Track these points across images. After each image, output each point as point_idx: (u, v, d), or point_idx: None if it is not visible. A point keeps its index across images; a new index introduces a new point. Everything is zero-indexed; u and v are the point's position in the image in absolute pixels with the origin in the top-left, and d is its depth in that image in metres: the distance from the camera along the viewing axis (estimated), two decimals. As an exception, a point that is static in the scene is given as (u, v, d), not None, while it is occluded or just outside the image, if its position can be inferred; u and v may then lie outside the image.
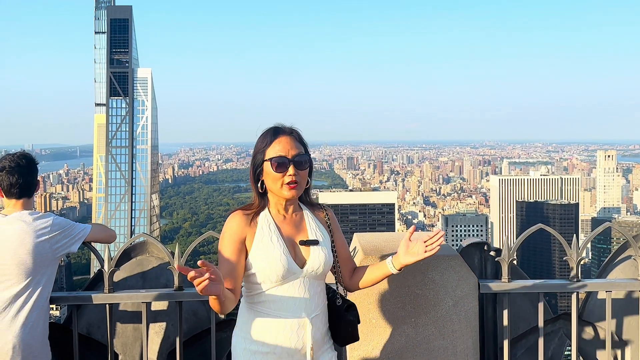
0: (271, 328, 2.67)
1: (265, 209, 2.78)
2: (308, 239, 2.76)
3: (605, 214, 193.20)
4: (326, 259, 2.74)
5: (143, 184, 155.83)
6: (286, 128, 2.78)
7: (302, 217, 2.84)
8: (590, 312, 4.00)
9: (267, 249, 2.66)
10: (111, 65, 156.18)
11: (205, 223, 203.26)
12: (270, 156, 2.70)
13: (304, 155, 2.74)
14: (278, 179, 2.69)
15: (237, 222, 2.72)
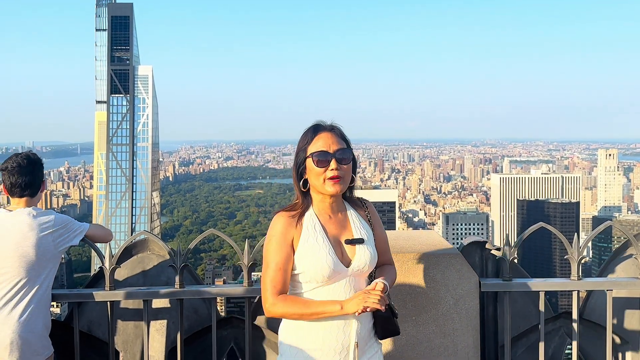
0: (317, 326, 2.68)
1: (310, 208, 2.79)
2: (353, 237, 2.77)
3: (606, 212, 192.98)
4: (371, 257, 2.76)
5: (144, 182, 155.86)
6: (327, 124, 2.80)
7: (346, 215, 2.84)
8: (591, 310, 4.00)
9: (313, 249, 2.67)
10: (112, 62, 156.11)
11: (206, 221, 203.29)
12: (312, 152, 2.71)
13: (346, 150, 2.73)
14: (320, 174, 2.69)
15: (282, 224, 2.72)
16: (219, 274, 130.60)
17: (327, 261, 2.65)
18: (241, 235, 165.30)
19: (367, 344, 2.78)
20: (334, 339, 2.68)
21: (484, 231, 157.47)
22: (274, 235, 2.72)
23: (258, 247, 3.70)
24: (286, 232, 2.71)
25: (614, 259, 4.06)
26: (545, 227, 3.87)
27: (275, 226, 2.73)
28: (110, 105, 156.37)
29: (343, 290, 2.69)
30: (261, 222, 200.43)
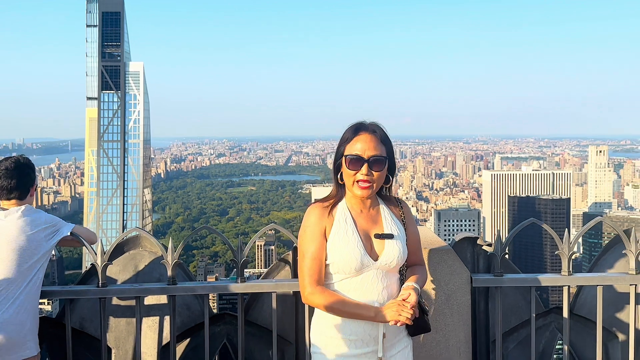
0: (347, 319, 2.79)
1: (343, 200, 2.88)
2: (383, 232, 2.85)
3: (597, 209, 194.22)
4: (400, 252, 2.82)
5: (135, 179, 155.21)
6: (369, 125, 2.85)
7: (378, 210, 2.92)
8: (581, 305, 4.04)
9: (343, 241, 2.78)
10: (103, 58, 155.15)
11: (198, 217, 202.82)
12: (348, 153, 2.80)
13: (380, 157, 2.79)
14: (351, 176, 2.78)
15: (316, 215, 2.84)
16: (211, 271, 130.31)
17: (354, 253, 2.76)
18: (233, 232, 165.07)
19: (395, 337, 2.86)
20: (362, 329, 2.78)
21: (475, 227, 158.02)
22: (308, 225, 2.84)
23: (251, 244, 3.71)
24: (319, 223, 2.82)
25: (604, 255, 4.10)
26: (536, 223, 3.89)
27: (309, 217, 2.85)
28: (101, 101, 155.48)
29: (371, 283, 2.79)
30: (253, 219, 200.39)
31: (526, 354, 3.81)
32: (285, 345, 3.96)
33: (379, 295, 2.79)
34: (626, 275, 3.71)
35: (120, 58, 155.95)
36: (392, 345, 2.84)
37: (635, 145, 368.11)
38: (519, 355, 3.98)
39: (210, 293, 3.76)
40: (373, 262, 2.79)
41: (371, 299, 2.78)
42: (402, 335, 2.90)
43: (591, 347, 3.88)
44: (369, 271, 2.79)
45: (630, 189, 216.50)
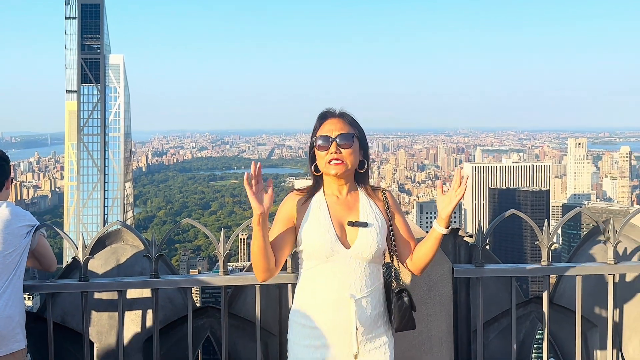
0: (316, 304, 2.78)
1: (320, 190, 2.90)
2: (358, 220, 2.83)
3: (576, 200, 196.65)
4: (374, 241, 2.78)
5: (116, 172, 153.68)
6: (335, 111, 2.90)
7: (357, 199, 2.90)
8: (560, 295, 4.10)
9: (314, 227, 2.79)
10: (82, 51, 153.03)
11: (180, 211, 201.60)
12: (316, 137, 2.84)
13: (347, 134, 2.81)
14: (323, 158, 2.81)
15: (289, 201, 2.90)
16: (194, 265, 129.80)
17: (325, 239, 2.74)
18: (216, 225, 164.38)
19: (373, 332, 2.80)
20: (334, 320, 2.74)
21: (457, 219, 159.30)
22: (279, 210, 2.91)
23: (234, 237, 3.70)
24: (289, 209, 2.87)
25: (583, 245, 4.16)
26: (517, 214, 3.94)
27: (282, 203, 2.92)
28: (81, 94, 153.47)
29: (342, 271, 2.75)
30: (236, 212, 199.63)
31: (507, 343, 3.87)
32: (269, 337, 3.97)
33: (351, 285, 2.74)
34: (605, 265, 3.77)
35: (100, 50, 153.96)
36: (369, 339, 2.78)
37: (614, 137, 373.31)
38: (500, 344, 4.04)
39: (193, 286, 3.76)
40: (344, 250, 2.76)
41: (343, 287, 2.74)
42: (380, 329, 2.84)
43: (570, 336, 3.94)
44: (340, 259, 2.75)
45: (609, 180, 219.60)
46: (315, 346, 2.77)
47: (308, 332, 2.78)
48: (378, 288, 2.84)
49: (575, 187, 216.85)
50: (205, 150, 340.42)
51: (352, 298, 2.71)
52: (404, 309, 2.80)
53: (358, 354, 2.73)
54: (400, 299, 2.80)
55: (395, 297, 2.81)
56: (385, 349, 2.84)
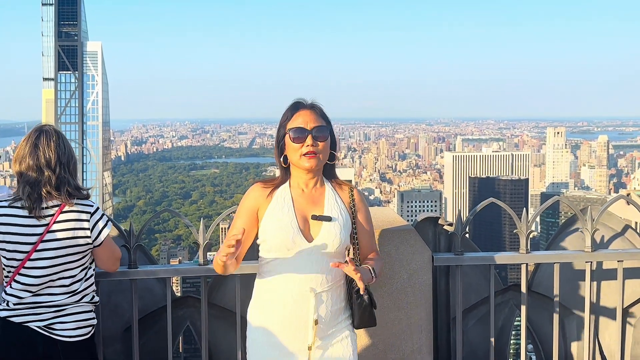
0: (275, 298, 2.73)
1: (286, 182, 2.83)
2: (322, 214, 2.77)
3: (554, 189, 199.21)
4: (337, 236, 2.72)
5: (94, 161, 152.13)
6: (307, 103, 2.84)
7: (322, 193, 2.84)
8: (538, 282, 4.15)
9: (276, 219, 2.72)
10: (59, 38, 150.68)
11: (160, 201, 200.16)
12: (289, 128, 2.76)
13: (322, 127, 2.77)
14: (297, 150, 2.73)
15: (253, 193, 2.81)
16: (174, 255, 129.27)
17: (286, 232, 2.68)
18: (197, 215, 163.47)
19: (333, 327, 2.76)
20: (293, 314, 2.69)
21: (437, 208, 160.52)
22: (242, 201, 2.84)
23: (214, 226, 3.67)
24: (253, 201, 2.80)
25: (560, 233, 4.21)
26: (496, 202, 3.97)
27: (246, 194, 2.84)
28: (58, 82, 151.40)
29: (303, 264, 2.69)
30: (217, 202, 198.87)
31: (485, 330, 3.91)
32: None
33: (312, 279, 2.69)
34: (582, 252, 3.81)
35: (78, 37, 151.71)
36: (326, 333, 2.74)
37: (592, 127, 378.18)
38: (479, 331, 4.08)
39: (172, 276, 3.73)
40: (306, 243, 2.70)
41: (304, 281, 2.69)
42: (341, 325, 2.79)
43: (548, 322, 4.00)
44: (302, 252, 2.69)
45: (587, 169, 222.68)
46: (274, 343, 2.72)
47: (267, 328, 2.74)
48: (340, 283, 2.79)
49: (554, 175, 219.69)
50: (185, 139, 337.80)
51: (312, 292, 2.67)
52: (364, 307, 2.74)
53: (312, 346, 2.68)
54: (359, 297, 2.74)
55: (355, 294, 2.75)
56: (347, 342, 2.78)
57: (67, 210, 3.07)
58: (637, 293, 4.08)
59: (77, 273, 3.12)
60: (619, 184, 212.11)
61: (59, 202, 3.06)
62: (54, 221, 3.03)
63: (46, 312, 3.05)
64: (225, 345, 3.99)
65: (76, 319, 3.09)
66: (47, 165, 3.08)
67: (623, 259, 3.83)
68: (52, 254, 3.03)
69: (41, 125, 3.23)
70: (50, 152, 3.10)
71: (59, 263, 3.05)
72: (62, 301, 3.08)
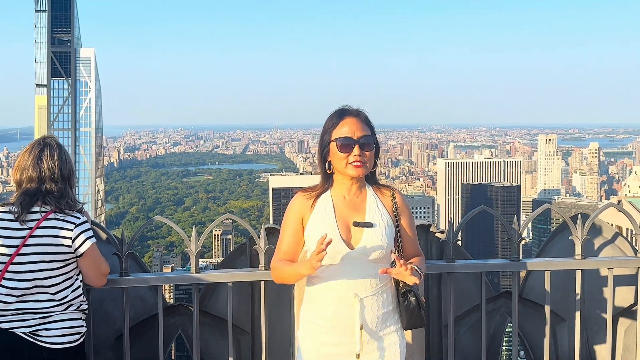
0: (322, 303, 2.81)
1: (328, 190, 2.88)
2: (363, 221, 2.81)
3: (546, 195, 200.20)
4: (379, 242, 2.77)
5: (87, 168, 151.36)
6: (353, 110, 2.86)
7: (364, 199, 2.88)
8: (529, 290, 4.16)
9: (319, 228, 2.78)
10: (52, 44, 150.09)
11: (153, 207, 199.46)
12: (336, 137, 2.78)
13: (369, 137, 2.80)
14: (343, 159, 2.77)
15: (297, 203, 2.89)
16: (167, 261, 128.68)
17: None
18: (190, 222, 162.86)
19: (381, 331, 2.81)
20: (338, 319, 2.77)
21: (430, 214, 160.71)
22: (287, 213, 2.91)
23: (206, 234, 3.67)
24: (297, 211, 2.87)
25: (551, 240, 4.23)
26: (487, 210, 3.99)
27: (290, 205, 2.92)
28: (51, 88, 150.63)
29: (347, 271, 2.76)
30: (210, 208, 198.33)
31: (477, 337, 3.91)
32: (242, 334, 3.96)
33: (356, 284, 2.75)
34: (572, 260, 3.84)
35: (71, 44, 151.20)
36: (377, 339, 2.79)
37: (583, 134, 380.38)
38: (471, 339, 4.09)
39: (164, 284, 3.72)
40: (348, 250, 2.76)
41: (348, 287, 2.76)
42: (391, 328, 2.84)
43: (539, 330, 4.01)
44: (345, 259, 2.76)
45: (578, 176, 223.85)
46: (322, 342, 2.81)
47: (316, 329, 2.83)
48: (386, 287, 2.84)
49: (546, 182, 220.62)
50: (178, 146, 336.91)
51: (356, 297, 2.74)
52: (411, 308, 2.81)
53: (361, 354, 2.74)
54: (406, 299, 2.81)
55: (401, 297, 2.83)
56: (395, 349, 2.84)
57: (52, 217, 3.10)
58: (627, 300, 4.11)
59: (61, 281, 3.13)
60: (610, 190, 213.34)
61: (46, 209, 3.11)
62: (37, 226, 3.07)
63: (31, 319, 3.07)
64: (217, 353, 3.98)
65: (62, 326, 3.10)
66: (50, 177, 3.17)
67: (613, 267, 3.86)
68: (35, 259, 3.05)
69: (44, 137, 3.31)
70: (53, 165, 3.18)
71: (41, 269, 3.07)
72: (48, 309, 3.09)
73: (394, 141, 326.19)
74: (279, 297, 3.85)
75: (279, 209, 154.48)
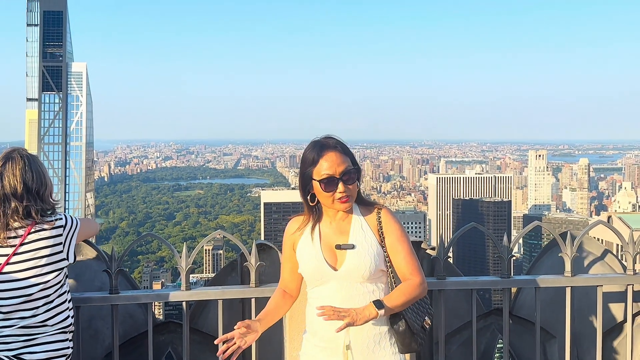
0: (316, 324, 2.86)
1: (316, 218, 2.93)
2: (345, 243, 2.85)
3: (536, 211, 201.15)
4: (361, 263, 2.79)
5: (77, 182, 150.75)
6: (330, 142, 2.85)
7: (349, 221, 2.91)
8: (520, 307, 4.18)
9: (306, 251, 2.89)
10: (44, 59, 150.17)
11: (144, 222, 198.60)
12: (319, 176, 2.79)
13: (350, 169, 2.82)
14: (329, 197, 2.81)
15: (288, 231, 3.01)
16: (157, 277, 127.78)
17: (313, 263, 2.84)
18: (180, 236, 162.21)
19: (375, 352, 2.81)
20: (327, 339, 2.82)
21: (421, 229, 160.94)
22: (284, 237, 3.03)
23: (197, 250, 3.66)
24: (290, 236, 2.99)
25: (542, 257, 4.26)
26: (477, 227, 4.01)
27: (285, 232, 3.02)
28: (42, 102, 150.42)
29: (334, 292, 2.82)
30: (201, 223, 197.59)
31: (468, 354, 3.91)
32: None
33: (344, 305, 2.71)
34: (562, 277, 3.85)
35: (63, 58, 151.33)
36: (364, 358, 2.79)
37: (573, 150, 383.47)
38: (462, 356, 4.09)
39: (154, 301, 3.70)
40: (333, 272, 2.81)
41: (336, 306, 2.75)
42: (385, 351, 2.83)
43: (530, 347, 4.02)
44: (332, 281, 2.81)
45: (568, 192, 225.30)
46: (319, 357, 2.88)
47: (312, 348, 2.91)
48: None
49: (536, 198, 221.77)
50: (170, 160, 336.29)
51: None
52: (401, 332, 2.80)
53: None
54: (395, 323, 2.81)
55: (390, 321, 2.83)
56: None
57: (36, 230, 3.00)
58: (617, 317, 4.13)
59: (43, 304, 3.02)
60: (600, 206, 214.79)
61: (26, 224, 3.00)
62: (20, 243, 2.96)
63: (15, 342, 2.96)
64: (207, 371, 3.95)
65: (47, 349, 3.00)
66: (13, 195, 2.99)
67: (602, 284, 3.88)
68: (20, 276, 2.93)
69: (9, 150, 3.12)
70: (15, 181, 3.01)
71: (27, 285, 2.95)
72: (33, 330, 2.98)
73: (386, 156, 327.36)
74: (270, 314, 3.84)
75: (270, 224, 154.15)
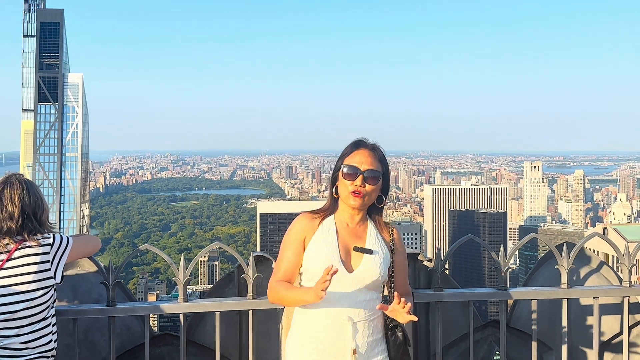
0: (315, 324, 2.82)
1: (333, 214, 2.95)
2: (364, 247, 2.88)
3: (532, 222, 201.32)
4: (376, 269, 2.84)
5: (72, 193, 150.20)
6: (369, 143, 2.95)
7: (365, 228, 2.96)
8: (517, 318, 4.18)
9: (320, 249, 2.85)
10: (40, 69, 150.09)
11: (139, 233, 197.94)
12: (345, 164, 2.89)
13: (376, 172, 2.88)
14: (347, 186, 2.86)
15: (301, 223, 2.94)
16: (152, 288, 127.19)
17: (328, 261, 2.78)
18: (176, 247, 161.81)
19: (368, 357, 2.82)
20: (330, 342, 2.78)
21: (417, 240, 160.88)
22: (290, 232, 2.94)
23: (194, 262, 3.66)
24: (301, 231, 2.92)
25: (538, 269, 4.27)
26: (474, 239, 4.02)
27: (294, 224, 2.95)
28: (38, 113, 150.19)
29: (343, 294, 2.79)
30: (197, 234, 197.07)
31: (465, 367, 3.91)
32: (229, 364, 3.92)
33: (350, 308, 2.79)
34: (559, 289, 3.86)
35: (59, 69, 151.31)
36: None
37: (568, 161, 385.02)
38: (459, 368, 4.08)
39: (151, 314, 3.69)
40: (347, 274, 2.81)
41: (342, 310, 2.79)
42: (379, 357, 2.86)
43: (527, 359, 4.01)
44: (342, 283, 2.79)
45: (564, 203, 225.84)
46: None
47: (306, 353, 2.82)
48: (376, 315, 2.88)
49: (532, 209, 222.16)
50: (165, 171, 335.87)
51: (350, 320, 2.77)
52: (398, 344, 2.86)
53: None
54: (394, 334, 2.87)
55: (389, 331, 2.88)
56: None
57: (23, 247, 3.02)
58: (614, 329, 4.14)
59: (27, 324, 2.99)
60: (595, 217, 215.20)
61: (14, 242, 3.02)
62: (7, 259, 2.96)
63: None
64: (203, 383, 3.93)
65: None
66: (9, 218, 3.06)
67: (599, 296, 3.89)
68: (6, 291, 2.92)
69: (7, 176, 3.20)
70: (12, 206, 3.08)
71: (12, 301, 2.94)
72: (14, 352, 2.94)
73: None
74: (267, 327, 3.84)
75: (266, 234, 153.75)
